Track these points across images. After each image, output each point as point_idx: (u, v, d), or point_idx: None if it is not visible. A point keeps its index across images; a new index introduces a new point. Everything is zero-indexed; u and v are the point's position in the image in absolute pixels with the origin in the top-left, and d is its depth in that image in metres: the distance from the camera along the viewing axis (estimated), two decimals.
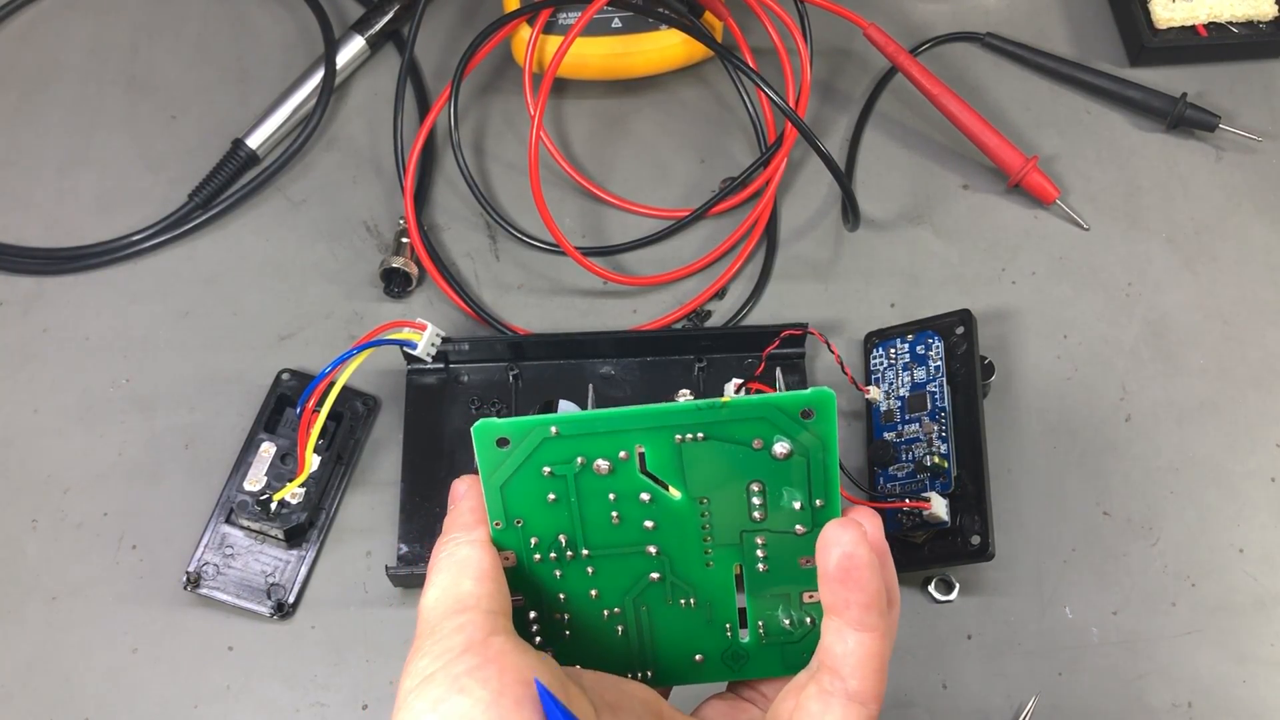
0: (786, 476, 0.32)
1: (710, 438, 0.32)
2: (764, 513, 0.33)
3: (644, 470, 0.32)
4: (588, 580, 0.34)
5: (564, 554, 0.33)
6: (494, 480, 0.32)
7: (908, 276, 0.57)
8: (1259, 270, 0.57)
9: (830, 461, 0.32)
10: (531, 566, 0.34)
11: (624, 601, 0.34)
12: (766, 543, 0.33)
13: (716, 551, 0.34)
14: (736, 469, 0.32)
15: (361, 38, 0.63)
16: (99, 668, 0.49)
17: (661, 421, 0.32)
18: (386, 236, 0.58)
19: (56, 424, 0.54)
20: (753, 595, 0.34)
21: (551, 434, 0.32)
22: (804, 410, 0.31)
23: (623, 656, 0.35)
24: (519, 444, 0.32)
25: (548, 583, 0.34)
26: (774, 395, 0.32)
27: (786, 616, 0.34)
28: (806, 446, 0.32)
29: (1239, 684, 0.48)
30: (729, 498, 0.33)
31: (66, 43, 0.65)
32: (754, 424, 0.32)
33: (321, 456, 0.51)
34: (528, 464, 0.32)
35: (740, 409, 0.31)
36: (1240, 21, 0.62)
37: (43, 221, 0.59)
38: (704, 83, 0.63)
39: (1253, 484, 0.52)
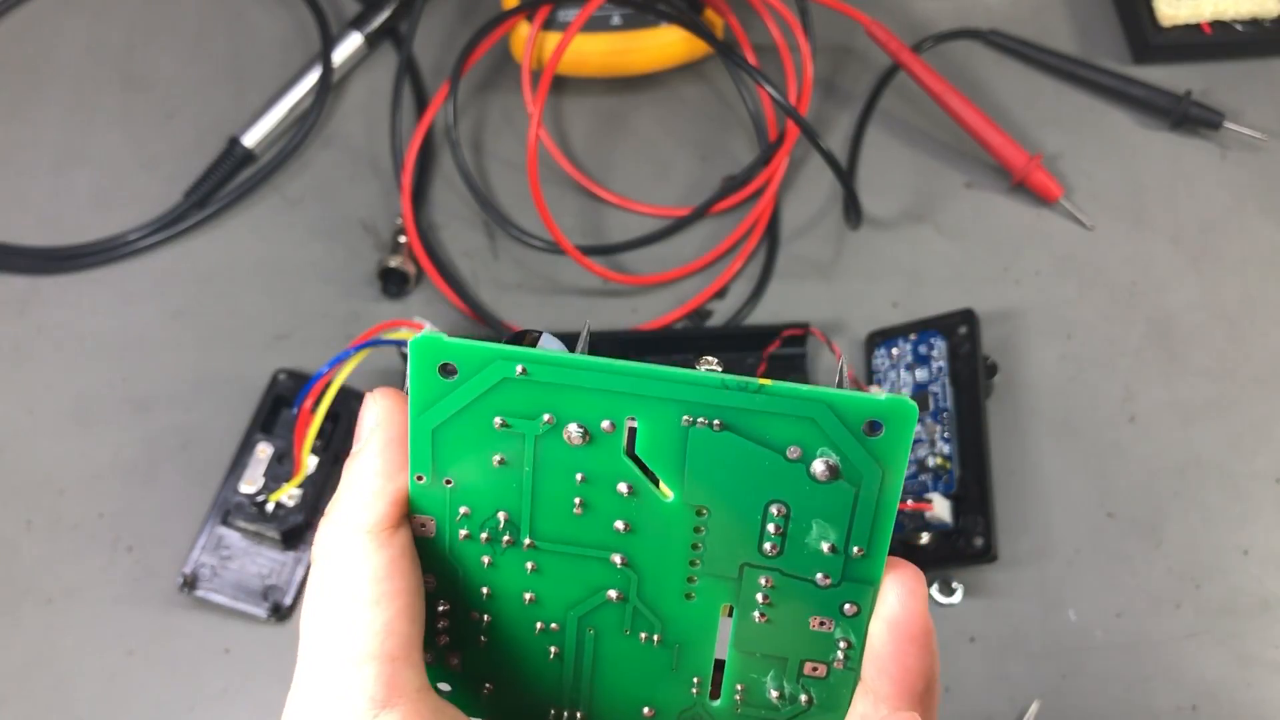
0: (823, 505, 0.24)
1: (731, 429, 0.24)
2: (780, 546, 0.25)
3: (631, 452, 0.24)
4: (524, 579, 0.26)
5: (500, 538, 0.25)
6: (426, 419, 0.24)
7: (910, 276, 0.57)
8: (1264, 269, 0.56)
9: (889, 500, 0.24)
10: (453, 543, 0.26)
11: (566, 617, 0.27)
12: (774, 586, 0.25)
13: (704, 582, 0.26)
14: (756, 480, 0.24)
15: (359, 35, 0.62)
16: (94, 670, 0.49)
17: (670, 391, 0.24)
18: (384, 235, 0.58)
19: (52, 424, 0.54)
20: (739, 649, 0.26)
21: (517, 373, 0.24)
22: (871, 422, 0.23)
23: (549, 687, 0.27)
24: (470, 377, 0.24)
25: (470, 569, 0.26)
26: (834, 391, 0.23)
27: (777, 687, 0.27)
28: (860, 472, 0.24)
29: (1244, 686, 0.48)
30: (737, 515, 0.25)
31: (62, 40, 0.64)
32: (795, 424, 0.24)
33: (318, 458, 0.51)
34: (476, 407, 0.24)
35: (782, 400, 0.23)
36: (1245, 19, 0.61)
37: (38, 220, 0.59)
38: (705, 80, 0.62)
39: (1258, 485, 0.52)
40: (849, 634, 0.26)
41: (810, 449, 0.24)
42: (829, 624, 0.25)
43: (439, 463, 0.25)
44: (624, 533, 0.25)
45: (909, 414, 0.23)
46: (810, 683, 0.26)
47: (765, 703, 0.27)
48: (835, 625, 0.25)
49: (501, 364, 0.24)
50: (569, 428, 0.24)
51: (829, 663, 0.26)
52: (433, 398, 0.24)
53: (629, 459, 0.25)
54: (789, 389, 0.23)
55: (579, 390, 0.24)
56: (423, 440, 0.25)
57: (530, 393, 0.24)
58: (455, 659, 0.27)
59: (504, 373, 0.24)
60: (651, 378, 0.24)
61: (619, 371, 0.24)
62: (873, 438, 0.24)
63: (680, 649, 0.27)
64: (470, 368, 0.24)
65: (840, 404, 0.23)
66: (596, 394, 0.24)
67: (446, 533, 0.26)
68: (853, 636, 0.25)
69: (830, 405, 0.23)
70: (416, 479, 0.25)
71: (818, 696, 0.26)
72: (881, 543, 0.25)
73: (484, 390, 0.24)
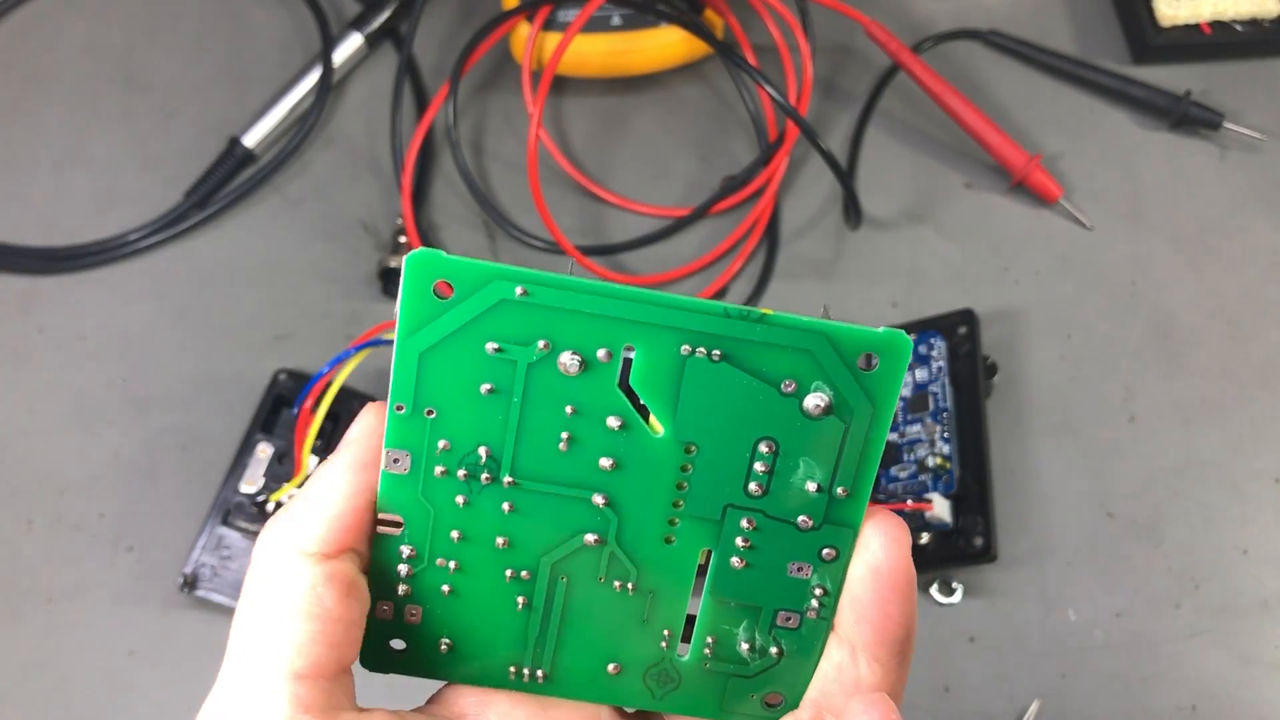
0: (812, 443, 0.24)
1: (729, 360, 0.24)
2: (765, 486, 0.25)
3: (624, 384, 0.24)
4: (499, 521, 0.25)
5: (478, 474, 0.25)
6: (414, 342, 0.24)
7: (910, 276, 0.57)
8: (1263, 269, 0.56)
9: (876, 437, 0.24)
10: (428, 481, 0.25)
11: (539, 564, 0.26)
12: (756, 528, 0.25)
13: (685, 525, 0.25)
14: (749, 415, 0.24)
15: (359, 35, 0.62)
16: (95, 670, 0.49)
17: (672, 319, 0.24)
18: (384, 235, 0.58)
19: (52, 425, 0.54)
20: (713, 597, 0.26)
21: (516, 295, 0.23)
22: (866, 355, 0.24)
23: (512, 643, 0.26)
24: (466, 298, 0.23)
25: (442, 510, 0.25)
26: (834, 323, 0.24)
27: (748, 639, 0.26)
28: (852, 408, 0.24)
29: (1243, 686, 0.48)
30: (726, 453, 0.25)
31: (62, 41, 0.64)
32: (793, 356, 0.24)
33: (319, 458, 0.51)
34: (470, 329, 0.24)
35: (782, 330, 0.24)
36: (1244, 19, 0.61)
37: (38, 221, 0.59)
38: (704, 80, 0.62)
39: (1258, 485, 0.52)
40: (825, 580, 0.26)
41: (805, 383, 0.24)
42: (806, 569, 0.25)
43: (422, 390, 0.24)
44: (609, 470, 0.25)
45: (904, 347, 0.24)
46: (782, 634, 0.26)
47: (735, 656, 0.26)
48: (812, 571, 0.25)
49: (501, 284, 0.23)
50: (563, 356, 0.24)
51: (802, 612, 0.26)
52: (424, 319, 0.24)
53: (622, 391, 0.24)
54: (790, 319, 0.24)
55: (579, 315, 0.24)
56: (408, 365, 0.24)
57: (528, 316, 0.23)
58: (415, 611, 0.26)
59: (503, 293, 0.23)
60: (655, 303, 0.24)
61: (623, 296, 0.23)
62: (867, 372, 0.24)
63: (653, 597, 0.26)
64: (468, 287, 0.23)
65: (838, 335, 0.24)
66: (597, 319, 0.24)
67: (422, 469, 0.25)
68: (829, 583, 0.26)
69: (828, 336, 0.24)
70: (396, 409, 0.24)
71: (788, 648, 0.26)
72: (865, 484, 0.25)
73: (480, 312, 0.23)
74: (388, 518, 0.25)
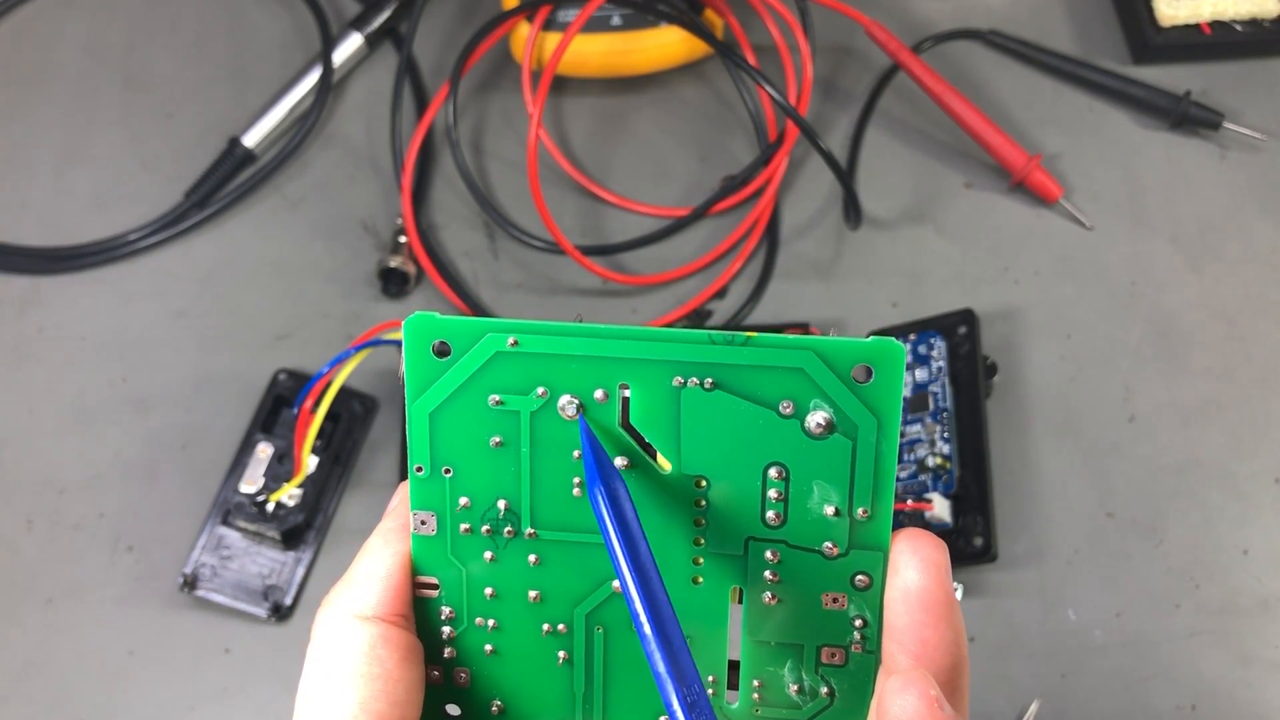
0: (821, 464, 0.24)
1: (722, 387, 0.23)
2: (782, 515, 0.24)
3: (626, 423, 0.24)
4: (528, 574, 0.25)
5: (501, 529, 0.25)
6: (423, 404, 0.24)
7: (910, 276, 0.57)
8: (1263, 269, 0.56)
9: (887, 451, 0.23)
10: (454, 540, 0.25)
11: (573, 615, 0.25)
12: (781, 560, 0.24)
13: (709, 563, 0.25)
14: (752, 441, 0.24)
15: (359, 35, 0.62)
16: (95, 670, 0.49)
17: (659, 352, 0.23)
18: (384, 235, 0.58)
19: (52, 424, 0.54)
20: (752, 639, 0.25)
21: (509, 345, 0.24)
22: (859, 367, 0.23)
23: (560, 700, 0.26)
24: (463, 354, 0.24)
25: (473, 569, 0.25)
26: (819, 338, 0.23)
27: (795, 680, 0.25)
28: (854, 423, 0.23)
29: (1243, 686, 0.48)
30: (737, 483, 0.24)
31: (62, 41, 0.64)
32: (785, 376, 0.23)
33: (319, 458, 0.51)
34: (471, 385, 0.24)
35: (769, 350, 0.23)
36: (1244, 19, 0.61)
37: (38, 220, 0.59)
38: (704, 80, 0.62)
39: (1258, 485, 0.52)
40: (864, 610, 0.25)
41: (803, 403, 0.23)
42: (842, 600, 0.24)
43: (437, 450, 0.25)
44: None
45: (897, 354, 0.23)
46: (830, 672, 0.25)
47: (785, 700, 0.25)
48: (849, 602, 0.24)
49: (494, 336, 0.24)
50: (561, 400, 0.24)
51: (846, 646, 0.25)
52: (428, 379, 0.24)
53: (624, 430, 0.24)
54: (775, 339, 0.23)
55: (570, 359, 0.24)
56: (420, 427, 0.24)
57: (523, 366, 0.24)
58: (463, 674, 0.26)
59: (496, 346, 0.24)
60: (639, 338, 0.24)
61: (607, 335, 0.24)
62: (864, 384, 0.23)
63: (691, 643, 0.25)
64: (464, 343, 0.24)
65: (827, 350, 0.23)
66: (587, 361, 0.24)
67: (448, 529, 0.25)
68: (868, 613, 0.24)
69: (817, 352, 0.23)
70: (416, 470, 0.25)
71: (839, 687, 0.25)
72: (885, 502, 0.24)
73: (478, 367, 0.24)
74: (424, 580, 0.26)
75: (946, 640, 0.23)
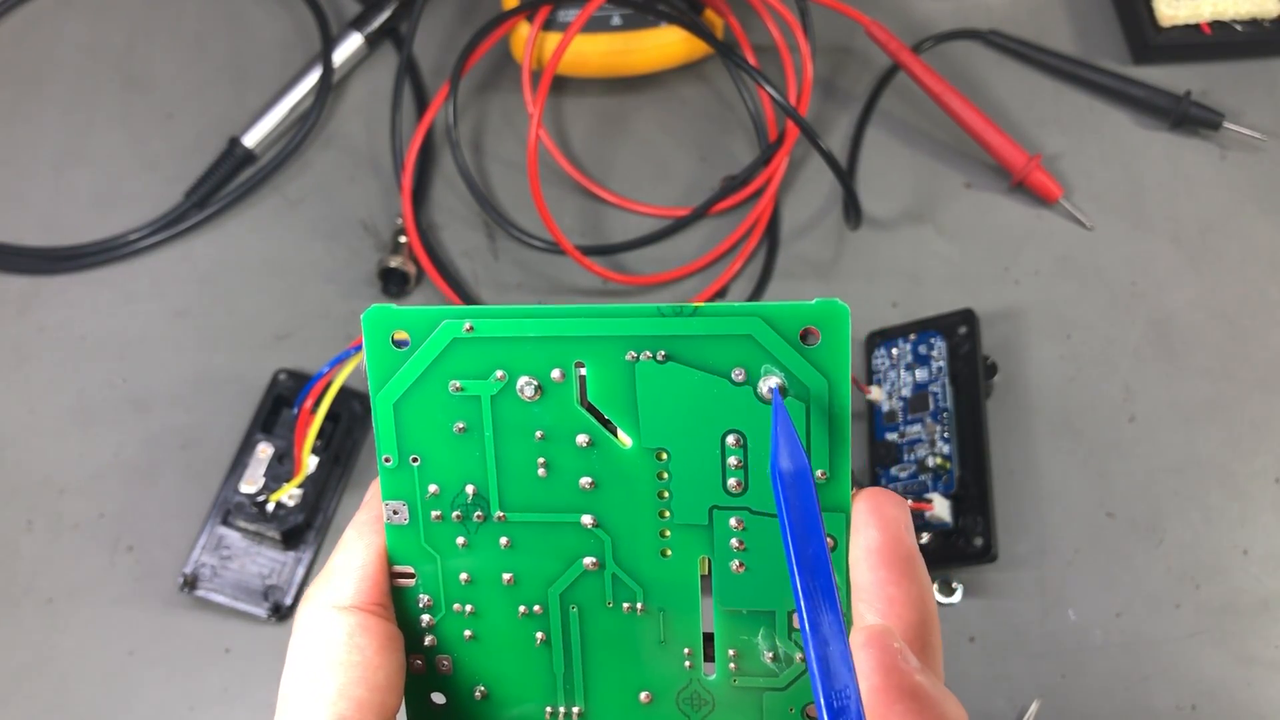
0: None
1: (674, 359, 0.24)
2: (743, 482, 0.24)
3: (584, 401, 0.24)
4: (500, 557, 0.26)
5: (471, 514, 0.25)
6: (386, 394, 0.25)
7: (910, 276, 0.57)
8: (1263, 269, 0.56)
9: (840, 412, 0.24)
10: (427, 528, 0.26)
11: (547, 596, 0.26)
12: (745, 527, 0.25)
13: (677, 535, 0.25)
14: (708, 410, 0.24)
15: (359, 35, 0.62)
16: (95, 670, 0.49)
17: (610, 328, 0.24)
18: (384, 235, 0.58)
19: (52, 424, 0.54)
20: (723, 608, 0.25)
21: (465, 331, 0.24)
22: (804, 329, 0.24)
23: (541, 681, 0.26)
24: (421, 343, 0.25)
25: (447, 555, 0.26)
26: (764, 304, 0.24)
27: (769, 648, 0.25)
28: (805, 386, 0.24)
29: (1243, 686, 0.48)
30: (696, 453, 0.24)
31: (62, 41, 0.64)
32: (734, 344, 0.24)
33: (319, 458, 0.51)
34: (431, 373, 0.25)
35: (717, 319, 0.24)
36: (1244, 19, 0.61)
37: (38, 220, 0.59)
38: (704, 80, 0.62)
39: (1258, 485, 0.52)
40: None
41: (754, 369, 0.24)
42: None
43: (403, 439, 0.25)
44: (589, 490, 0.25)
45: (840, 314, 0.23)
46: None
47: (761, 668, 0.26)
48: None
49: (449, 324, 0.24)
50: (520, 381, 0.24)
51: None
52: (389, 370, 0.25)
53: (583, 409, 0.25)
54: (721, 307, 0.24)
55: (524, 341, 0.24)
56: (386, 418, 0.25)
57: (480, 351, 0.24)
58: (445, 661, 0.27)
59: (453, 333, 0.24)
60: (590, 315, 0.24)
61: (559, 314, 0.24)
62: (810, 346, 0.23)
63: (665, 616, 0.26)
64: (421, 331, 0.25)
65: (772, 314, 0.24)
66: (541, 342, 0.24)
67: (420, 517, 0.26)
68: (835, 575, 0.25)
69: (764, 318, 0.24)
70: (384, 461, 0.25)
71: None
72: (842, 463, 0.24)
73: (437, 354, 0.25)
74: (400, 570, 0.26)
75: (912, 596, 0.23)
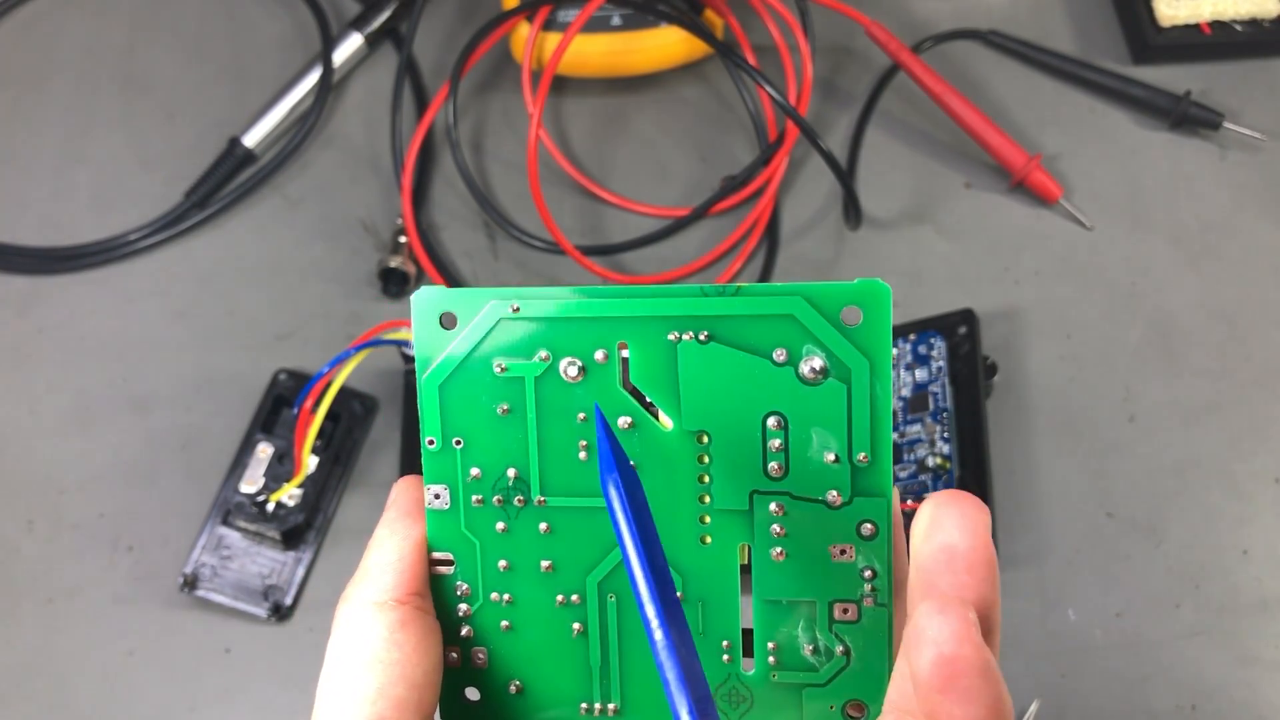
0: (818, 410, 0.24)
1: (716, 339, 0.24)
2: (784, 465, 0.24)
3: (627, 383, 0.24)
4: (540, 544, 0.25)
5: (512, 498, 0.25)
6: (433, 376, 0.25)
7: (910, 276, 0.57)
8: (1263, 270, 0.56)
9: (881, 393, 0.24)
10: (468, 513, 0.25)
11: (585, 584, 0.25)
12: (786, 513, 0.24)
13: (716, 520, 0.25)
14: (749, 392, 0.24)
15: (359, 35, 0.62)
16: (95, 670, 0.49)
17: (654, 308, 0.24)
18: (384, 235, 0.58)
19: (52, 425, 0.54)
20: (763, 599, 0.25)
21: (511, 311, 0.24)
22: (846, 310, 0.24)
23: (577, 675, 0.26)
24: (469, 323, 0.25)
25: (487, 541, 0.26)
26: (806, 284, 0.24)
27: (809, 641, 0.25)
28: (847, 366, 0.24)
29: (1243, 686, 0.48)
30: (737, 436, 0.24)
31: (62, 41, 0.64)
32: (776, 324, 0.24)
33: (319, 457, 0.51)
34: (477, 354, 0.25)
35: (760, 299, 0.24)
36: (1244, 19, 0.61)
37: (38, 221, 0.59)
38: (704, 80, 0.62)
39: (1258, 485, 0.52)
40: (872, 560, 0.24)
41: (795, 349, 0.24)
42: (850, 551, 0.24)
43: (447, 421, 0.25)
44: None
45: (882, 294, 0.23)
46: (844, 629, 0.25)
47: (801, 663, 0.25)
48: (857, 552, 0.24)
49: (496, 304, 0.25)
50: (563, 363, 0.24)
51: (858, 600, 0.25)
52: (436, 350, 0.25)
53: (625, 390, 0.25)
54: (763, 287, 0.24)
55: (570, 321, 0.24)
56: (431, 400, 0.25)
57: (525, 331, 0.25)
58: (480, 654, 0.26)
59: (500, 313, 0.25)
60: (635, 295, 0.24)
61: (604, 294, 0.24)
62: (852, 326, 0.24)
63: (704, 607, 0.25)
64: (469, 312, 0.25)
65: (814, 294, 0.24)
66: (586, 323, 0.24)
67: (461, 502, 0.25)
68: (876, 563, 0.24)
69: (806, 297, 0.24)
70: (428, 443, 0.25)
71: (854, 645, 0.25)
72: (884, 446, 0.24)
73: (483, 335, 0.25)
74: (439, 556, 0.26)
75: (983, 593, 0.22)
